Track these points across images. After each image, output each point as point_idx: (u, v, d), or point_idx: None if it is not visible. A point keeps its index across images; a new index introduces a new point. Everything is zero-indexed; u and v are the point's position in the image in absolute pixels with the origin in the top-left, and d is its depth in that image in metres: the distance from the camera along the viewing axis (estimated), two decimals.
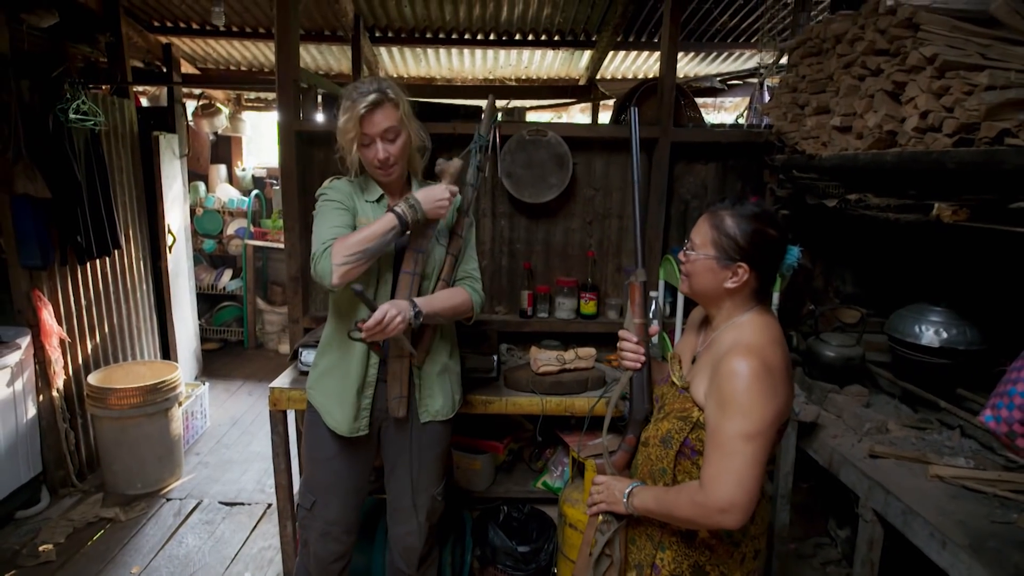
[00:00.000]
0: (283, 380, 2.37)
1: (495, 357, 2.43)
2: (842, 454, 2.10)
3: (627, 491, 1.40)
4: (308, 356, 2.39)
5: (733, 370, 1.21)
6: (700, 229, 1.37)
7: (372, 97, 1.72)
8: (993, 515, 1.69)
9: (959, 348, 2.20)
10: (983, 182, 1.68)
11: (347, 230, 1.75)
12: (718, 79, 4.90)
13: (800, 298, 2.79)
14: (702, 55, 4.88)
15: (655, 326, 1.55)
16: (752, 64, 4.68)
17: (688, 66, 5.19)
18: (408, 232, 1.77)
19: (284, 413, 2.34)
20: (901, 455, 2.01)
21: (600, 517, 1.47)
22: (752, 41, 4.13)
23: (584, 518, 2.24)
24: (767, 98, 2.89)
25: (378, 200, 1.88)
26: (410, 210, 1.72)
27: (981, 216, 1.66)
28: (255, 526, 3.00)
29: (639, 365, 1.50)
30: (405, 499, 1.98)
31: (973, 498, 1.78)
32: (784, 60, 2.78)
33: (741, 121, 3.44)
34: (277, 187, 5.80)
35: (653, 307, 2.58)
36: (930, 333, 2.25)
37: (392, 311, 1.65)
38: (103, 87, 3.78)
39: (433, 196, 1.75)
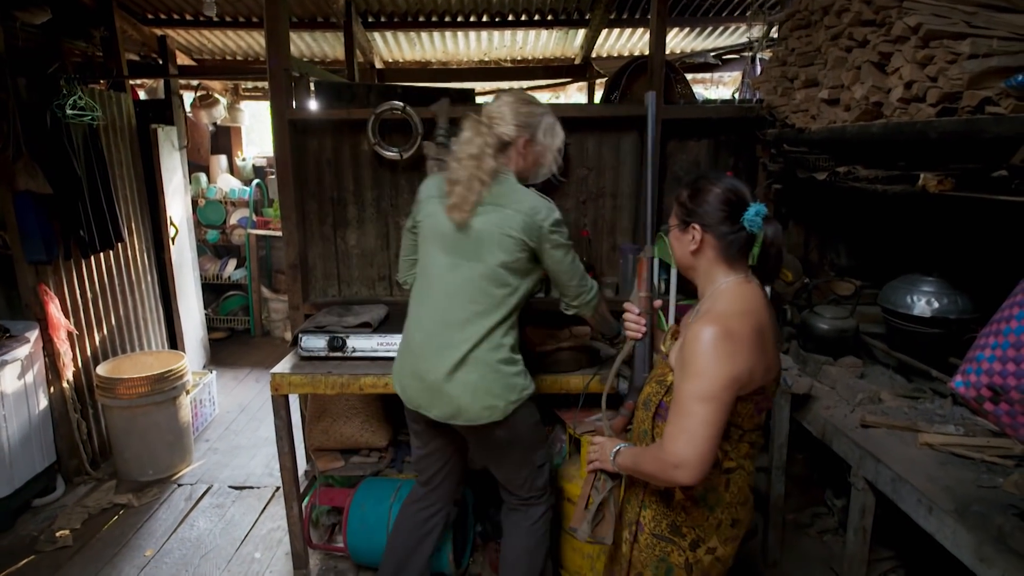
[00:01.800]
0: (284, 366, 2.42)
1: None
2: (835, 425, 2.13)
3: (614, 450, 1.49)
4: (308, 342, 2.44)
5: (695, 335, 1.29)
6: (673, 209, 1.48)
7: None
8: (980, 480, 1.72)
9: (951, 317, 2.22)
10: (966, 151, 1.68)
11: None
12: (712, 54, 4.86)
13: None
14: (696, 30, 4.83)
15: (659, 300, 1.60)
16: (746, 38, 4.64)
17: (683, 42, 5.15)
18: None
19: (286, 398, 2.39)
20: (892, 424, 2.04)
21: (596, 475, 1.56)
22: (747, 15, 4.08)
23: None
24: (759, 72, 2.88)
25: None
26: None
27: (966, 185, 1.67)
28: (264, 508, 3.07)
29: (640, 335, 1.58)
30: None
31: (961, 464, 1.81)
32: (774, 33, 2.77)
33: (736, 96, 3.42)
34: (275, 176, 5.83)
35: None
36: (922, 303, 2.27)
37: None
38: (100, 82, 3.80)
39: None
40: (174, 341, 4.38)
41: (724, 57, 4.98)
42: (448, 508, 2.21)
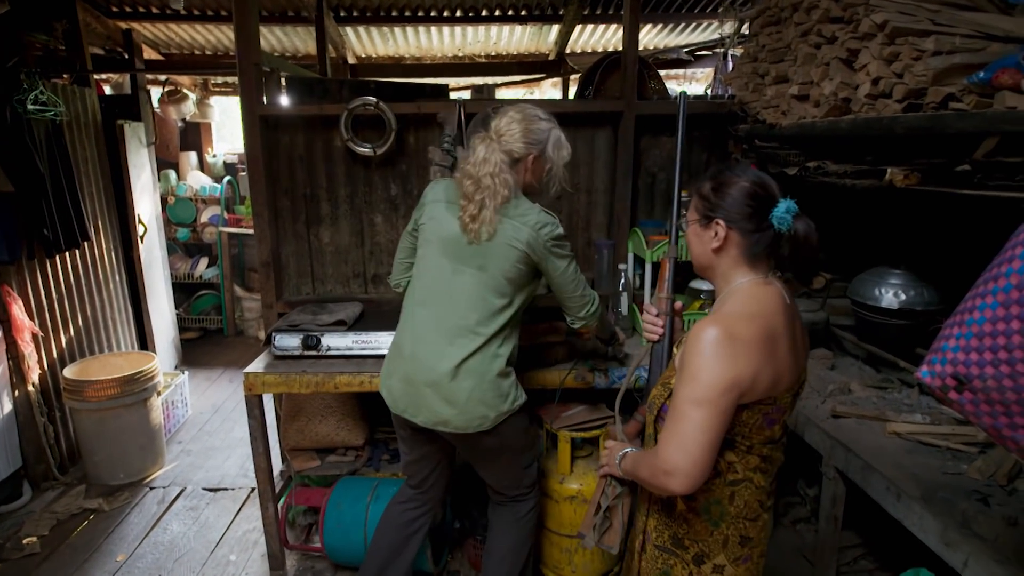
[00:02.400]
0: (258, 365, 2.39)
1: None
2: (806, 415, 2.17)
3: (619, 455, 1.45)
4: (282, 341, 2.41)
5: (695, 336, 1.22)
6: (692, 203, 1.39)
7: None
8: (945, 467, 1.77)
9: (917, 309, 2.27)
10: (932, 146, 1.72)
11: None
12: (684, 51, 4.90)
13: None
14: (669, 27, 4.86)
15: (680, 303, 1.56)
16: (717, 35, 4.69)
17: (656, 38, 5.18)
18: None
19: (260, 398, 2.36)
20: (861, 414, 2.09)
21: (606, 480, 1.52)
22: (718, 11, 4.12)
23: (559, 487, 2.31)
24: (731, 68, 2.91)
25: None
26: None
27: (931, 180, 1.71)
28: (239, 510, 3.03)
29: (656, 337, 1.52)
30: None
31: (927, 452, 1.86)
32: (746, 30, 2.80)
33: (708, 92, 3.45)
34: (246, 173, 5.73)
35: (623, 280, 2.61)
36: (890, 295, 2.32)
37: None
38: (63, 76, 3.70)
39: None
40: (144, 342, 4.29)
41: (696, 53, 5.02)
42: (436, 509, 2.21)
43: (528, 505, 2.14)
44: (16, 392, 3.06)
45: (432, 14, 4.49)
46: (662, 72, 3.47)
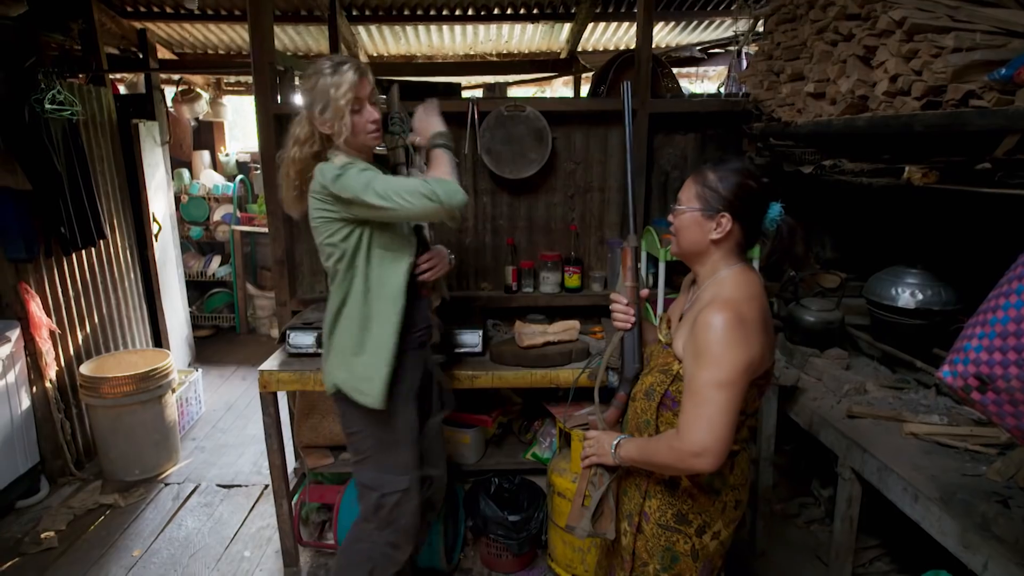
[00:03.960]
0: (272, 363, 2.40)
1: (481, 332, 2.46)
2: (822, 416, 2.15)
3: (614, 443, 1.47)
4: (296, 338, 2.42)
5: (708, 322, 1.28)
6: (686, 187, 1.43)
7: (359, 64, 1.83)
8: (963, 468, 1.75)
9: (934, 309, 2.25)
10: (951, 144, 1.70)
11: None
12: (698, 48, 4.88)
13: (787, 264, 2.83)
14: (682, 24, 4.83)
15: (646, 290, 1.59)
16: (731, 32, 4.66)
17: (669, 36, 5.16)
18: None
19: (274, 395, 2.38)
20: (878, 414, 2.07)
21: (592, 470, 1.54)
22: (732, 9, 4.10)
23: (572, 486, 2.30)
24: (745, 66, 2.89)
25: None
26: (449, 140, 1.93)
27: (950, 178, 1.69)
28: (253, 506, 3.05)
29: (629, 325, 1.55)
30: (439, 441, 2.16)
31: (945, 453, 1.84)
32: (760, 27, 2.78)
33: (722, 90, 3.44)
34: (259, 171, 5.76)
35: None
36: (906, 295, 2.29)
37: (443, 250, 1.98)
38: (79, 76, 3.73)
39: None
40: (159, 339, 4.33)
41: (710, 51, 5.00)
42: None
43: (354, 532, 2.03)
44: (34, 388, 3.10)
45: (444, 13, 4.49)
46: (675, 70, 3.45)
